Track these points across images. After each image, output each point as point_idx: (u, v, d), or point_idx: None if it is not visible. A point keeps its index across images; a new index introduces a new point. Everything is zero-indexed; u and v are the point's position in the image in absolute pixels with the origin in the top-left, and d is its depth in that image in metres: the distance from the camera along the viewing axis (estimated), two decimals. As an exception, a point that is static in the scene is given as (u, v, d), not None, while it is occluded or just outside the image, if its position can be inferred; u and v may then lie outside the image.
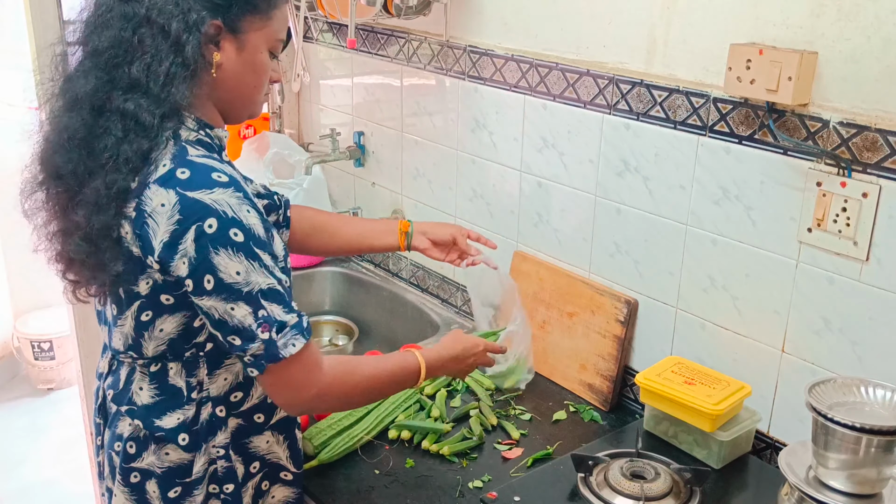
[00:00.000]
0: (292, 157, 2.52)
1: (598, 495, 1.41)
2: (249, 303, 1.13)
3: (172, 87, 1.14)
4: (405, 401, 1.70)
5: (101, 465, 1.39)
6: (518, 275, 1.97)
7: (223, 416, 1.28)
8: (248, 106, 1.29)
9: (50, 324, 3.77)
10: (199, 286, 1.12)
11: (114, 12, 1.15)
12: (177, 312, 1.20)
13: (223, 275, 1.11)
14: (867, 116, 1.32)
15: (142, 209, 1.13)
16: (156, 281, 1.17)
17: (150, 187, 1.12)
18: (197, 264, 1.11)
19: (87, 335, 2.38)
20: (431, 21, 2.06)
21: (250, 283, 1.12)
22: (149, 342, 1.23)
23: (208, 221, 1.10)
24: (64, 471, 3.22)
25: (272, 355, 1.15)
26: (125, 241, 1.15)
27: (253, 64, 1.23)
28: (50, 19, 2.06)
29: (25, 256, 3.97)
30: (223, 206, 1.11)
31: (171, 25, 1.13)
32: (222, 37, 1.19)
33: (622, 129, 1.69)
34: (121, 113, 1.13)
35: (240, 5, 1.19)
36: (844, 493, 1.22)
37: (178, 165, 1.13)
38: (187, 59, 1.14)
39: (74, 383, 3.04)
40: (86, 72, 1.16)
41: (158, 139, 1.14)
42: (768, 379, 1.54)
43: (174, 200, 1.11)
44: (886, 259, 1.33)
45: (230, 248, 1.11)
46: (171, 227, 1.11)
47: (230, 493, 1.31)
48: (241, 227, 1.12)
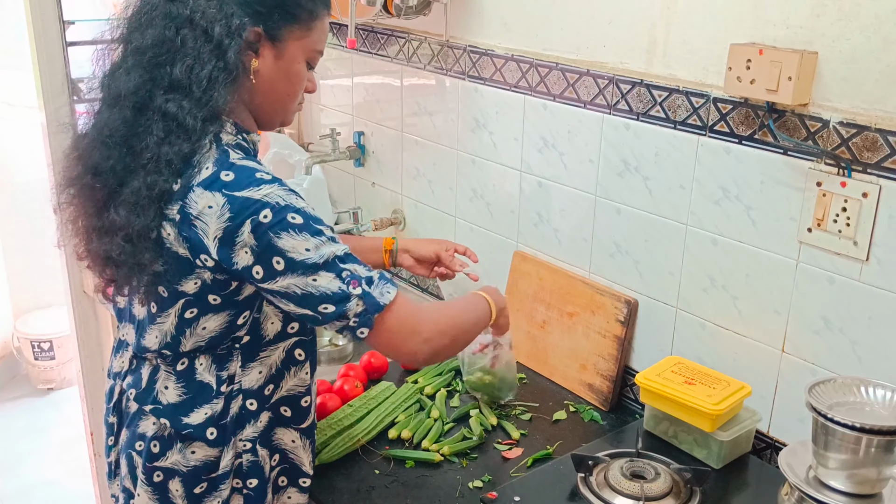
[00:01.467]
0: (292, 157, 2.52)
1: (598, 495, 1.41)
2: (330, 269, 1.15)
3: (214, 91, 1.15)
4: (405, 401, 1.70)
5: (113, 466, 1.38)
6: (518, 275, 1.97)
7: (254, 410, 1.29)
8: (282, 113, 1.31)
9: (50, 324, 3.77)
10: (269, 270, 1.14)
11: (158, 11, 1.17)
12: (221, 311, 1.22)
13: (293, 254, 1.14)
14: (867, 116, 1.32)
15: (187, 212, 1.14)
16: (205, 281, 1.19)
17: (195, 190, 1.14)
18: (261, 251, 1.13)
19: (87, 335, 2.38)
20: (431, 21, 2.06)
21: (323, 254, 1.15)
22: (188, 339, 1.24)
23: (263, 213, 1.12)
24: (64, 471, 3.22)
25: (374, 305, 1.17)
26: (167, 241, 1.16)
27: (289, 72, 1.25)
28: (50, 19, 2.06)
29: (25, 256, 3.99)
30: (273, 198, 1.13)
31: (214, 29, 1.15)
32: (262, 44, 1.21)
33: (622, 129, 1.69)
34: (162, 113, 1.14)
35: (281, 14, 1.21)
36: (844, 493, 1.22)
37: (221, 168, 1.15)
38: (229, 63, 1.16)
39: (74, 383, 3.04)
40: (128, 69, 1.17)
41: (200, 142, 1.15)
42: (768, 379, 1.54)
43: (222, 202, 1.13)
44: (886, 259, 1.33)
45: (292, 230, 1.13)
46: (224, 224, 1.13)
47: (253, 487, 1.31)
48: (297, 210, 1.15)
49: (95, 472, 2.55)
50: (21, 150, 3.59)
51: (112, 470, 1.39)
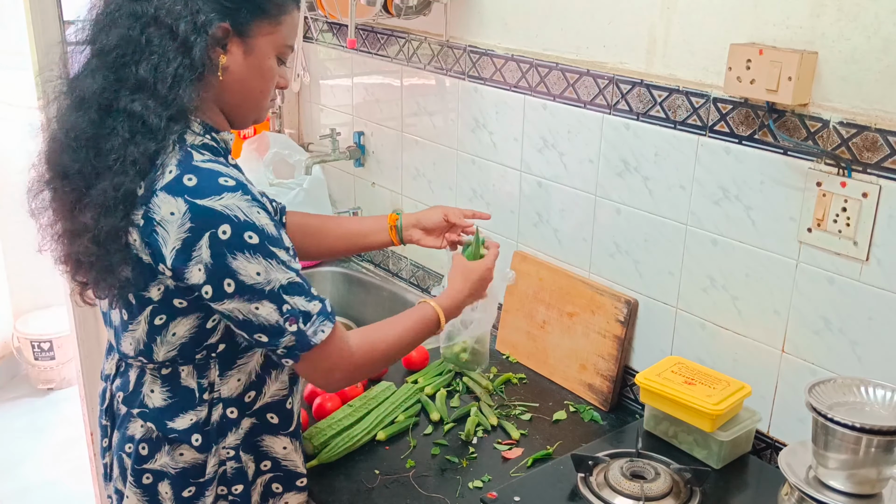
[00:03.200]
0: (292, 157, 2.52)
1: (598, 495, 1.41)
2: (273, 300, 1.15)
3: (179, 89, 1.13)
4: (405, 401, 1.70)
5: (108, 467, 1.38)
6: (518, 275, 1.97)
7: (234, 418, 1.28)
8: (255, 111, 1.28)
9: (50, 324, 3.77)
10: (218, 291, 1.13)
11: (122, 11, 1.15)
12: (190, 315, 1.21)
13: (244, 277, 1.13)
14: (867, 116, 1.32)
15: (150, 217, 1.12)
16: (167, 287, 1.17)
17: (158, 195, 1.12)
18: (214, 270, 1.12)
19: (87, 335, 2.38)
20: (431, 21, 2.06)
21: (271, 280, 1.14)
22: (160, 347, 1.23)
23: (222, 228, 1.11)
24: (64, 471, 3.22)
25: (305, 344, 1.18)
26: (133, 247, 1.15)
27: (260, 69, 1.23)
28: (50, 19, 2.06)
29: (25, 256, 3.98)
30: (234, 210, 1.11)
31: (179, 26, 1.13)
32: (230, 40, 1.19)
33: (622, 129, 1.69)
34: (128, 113, 1.12)
35: (249, 9, 1.18)
36: (844, 493, 1.22)
37: (184, 171, 1.13)
38: (195, 61, 1.13)
39: (74, 383, 3.04)
40: (93, 70, 1.15)
41: (165, 142, 1.14)
42: (768, 379, 1.54)
43: (184, 209, 1.11)
44: (886, 259, 1.33)
45: (247, 251, 1.12)
46: (183, 234, 1.11)
47: (239, 493, 1.31)
48: (255, 228, 1.13)
49: (95, 472, 2.55)
50: (21, 150, 3.58)
51: (107, 472, 1.39)
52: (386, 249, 2.45)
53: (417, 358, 1.87)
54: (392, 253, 2.43)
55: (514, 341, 1.97)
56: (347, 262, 2.54)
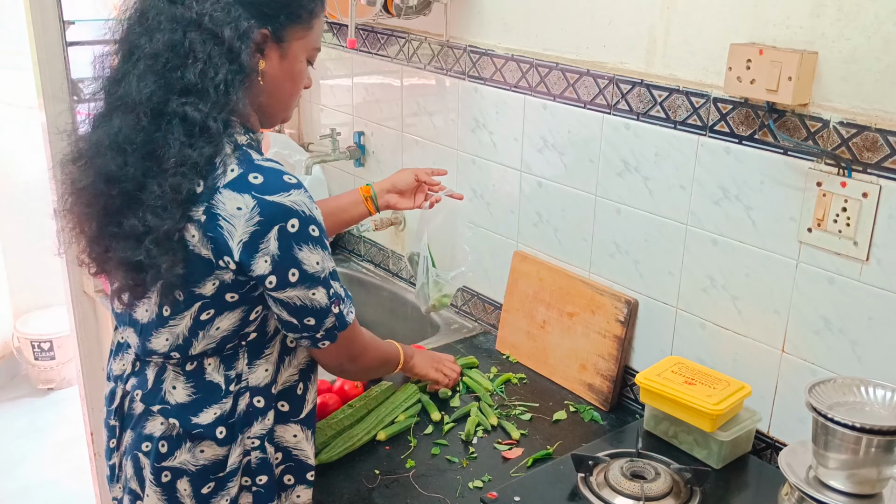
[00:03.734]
0: (292, 156, 2.52)
1: (598, 495, 1.41)
2: (325, 285, 1.24)
3: (232, 94, 1.17)
4: (405, 401, 1.70)
5: (115, 468, 1.38)
6: (518, 275, 1.97)
7: (261, 407, 1.29)
8: (284, 111, 1.33)
9: (50, 324, 3.77)
10: (283, 280, 1.19)
11: (164, 15, 1.17)
12: (236, 309, 1.23)
13: (307, 266, 1.20)
14: (867, 116, 1.32)
15: (214, 213, 1.15)
16: (223, 281, 1.19)
17: (222, 192, 1.15)
18: (280, 261, 1.17)
19: (87, 335, 2.38)
20: (431, 21, 2.06)
21: (325, 269, 1.23)
22: (200, 341, 1.24)
23: (291, 221, 1.17)
24: (64, 471, 3.23)
25: (343, 324, 1.29)
26: (189, 244, 1.16)
27: (292, 72, 1.27)
28: (50, 19, 2.06)
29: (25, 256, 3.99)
30: (301, 206, 1.18)
31: (224, 32, 1.16)
32: (267, 45, 1.22)
33: (622, 129, 1.69)
34: (181, 118, 1.14)
35: (286, 15, 1.23)
36: (844, 493, 1.22)
37: (248, 170, 1.17)
38: (243, 66, 1.17)
39: (74, 383, 3.04)
40: (140, 75, 1.16)
41: (221, 144, 1.17)
42: (768, 379, 1.54)
43: (251, 204, 1.15)
44: (886, 259, 1.33)
45: (311, 242, 1.19)
46: (252, 227, 1.15)
47: (263, 484, 1.31)
48: (316, 223, 1.20)
49: (95, 472, 2.55)
50: (21, 150, 3.59)
51: (114, 473, 1.38)
52: (386, 249, 2.45)
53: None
54: (392, 253, 2.44)
55: (514, 341, 1.97)
56: (347, 262, 2.54)
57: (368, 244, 2.54)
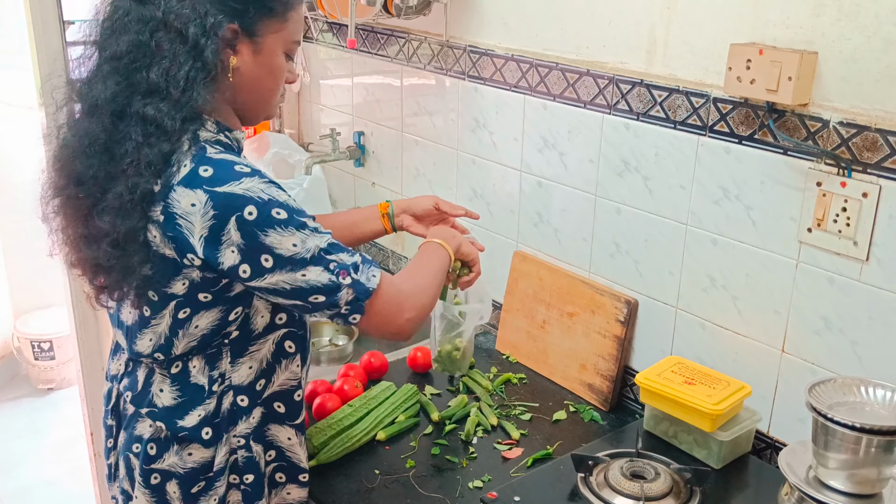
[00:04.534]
0: (292, 156, 2.52)
1: (598, 495, 1.41)
2: (317, 263, 1.17)
3: (193, 91, 1.15)
4: (405, 401, 1.70)
5: (113, 468, 1.38)
6: (518, 275, 1.97)
7: (245, 406, 1.29)
8: (265, 108, 1.30)
9: (50, 324, 3.77)
10: (257, 268, 1.15)
11: (131, 16, 1.16)
12: (213, 308, 1.22)
13: (280, 250, 1.15)
14: (867, 116, 1.32)
15: (171, 211, 1.14)
16: (192, 280, 1.19)
17: (176, 189, 1.14)
18: (248, 249, 1.14)
19: (87, 335, 2.38)
20: (431, 21, 2.06)
21: (310, 248, 1.17)
22: (181, 340, 1.24)
23: (247, 209, 1.13)
24: (64, 471, 3.22)
25: (364, 292, 1.21)
26: (153, 244, 1.16)
27: (269, 66, 1.25)
28: (50, 19, 2.06)
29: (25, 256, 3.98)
30: (255, 192, 1.14)
31: (189, 30, 1.14)
32: (239, 40, 1.20)
33: (622, 129, 1.69)
34: (141, 118, 1.14)
35: (256, 9, 1.20)
36: (844, 493, 1.22)
37: (199, 164, 1.15)
38: (207, 63, 1.15)
39: (74, 383, 3.04)
40: (105, 77, 1.16)
41: (180, 142, 1.15)
42: (768, 379, 1.54)
43: (204, 199, 1.13)
44: (886, 259, 1.33)
45: (278, 226, 1.14)
46: (209, 222, 1.13)
47: (250, 483, 1.32)
48: (280, 204, 1.15)
49: (95, 472, 2.55)
50: (21, 150, 3.59)
51: (112, 472, 1.39)
52: (386, 249, 2.45)
53: (422, 360, 1.87)
54: (392, 253, 2.44)
55: (514, 341, 1.97)
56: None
57: (368, 244, 2.54)
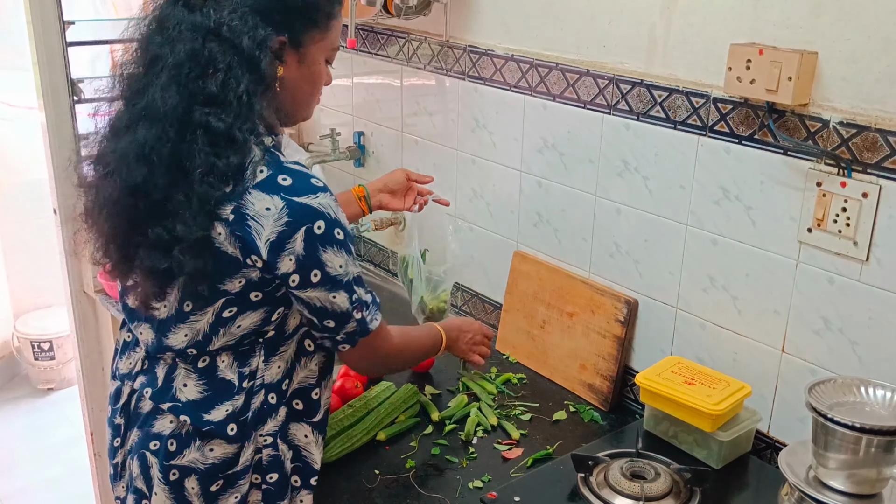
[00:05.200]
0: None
1: (598, 495, 1.41)
2: (348, 290, 1.25)
3: (255, 104, 1.18)
4: (405, 401, 1.70)
5: (119, 467, 1.38)
6: (518, 275, 1.97)
7: (274, 404, 1.30)
8: (305, 111, 1.35)
9: (50, 324, 3.77)
10: (305, 280, 1.21)
11: (184, 25, 1.17)
12: (259, 308, 1.24)
13: (329, 268, 1.21)
14: (867, 116, 1.32)
15: (243, 212, 1.16)
16: (249, 279, 1.21)
17: (251, 192, 1.17)
18: (304, 261, 1.19)
19: (87, 335, 2.38)
20: (431, 21, 2.06)
21: (348, 273, 1.24)
22: (220, 338, 1.25)
23: (317, 223, 1.18)
24: (64, 471, 3.22)
25: (363, 330, 1.29)
26: (216, 241, 1.17)
27: (311, 74, 1.29)
28: (50, 19, 2.06)
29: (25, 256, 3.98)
30: (327, 209, 1.20)
31: (243, 42, 1.16)
32: (286, 52, 1.23)
33: (622, 129, 1.69)
34: (205, 128, 1.15)
35: (302, 21, 1.23)
36: (844, 493, 1.22)
37: (277, 172, 1.19)
38: (263, 76, 1.18)
39: (74, 383, 3.04)
40: (164, 86, 1.16)
41: (249, 152, 1.18)
42: (768, 379, 1.54)
43: (281, 205, 1.16)
44: (886, 259, 1.33)
45: (335, 245, 1.21)
46: (280, 228, 1.16)
47: (273, 482, 1.32)
48: (341, 226, 1.22)
49: (95, 472, 2.55)
50: (21, 150, 3.59)
51: (117, 472, 1.38)
52: (386, 249, 2.45)
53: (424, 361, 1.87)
54: (392, 253, 2.44)
55: (514, 341, 1.97)
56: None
57: (368, 244, 2.54)
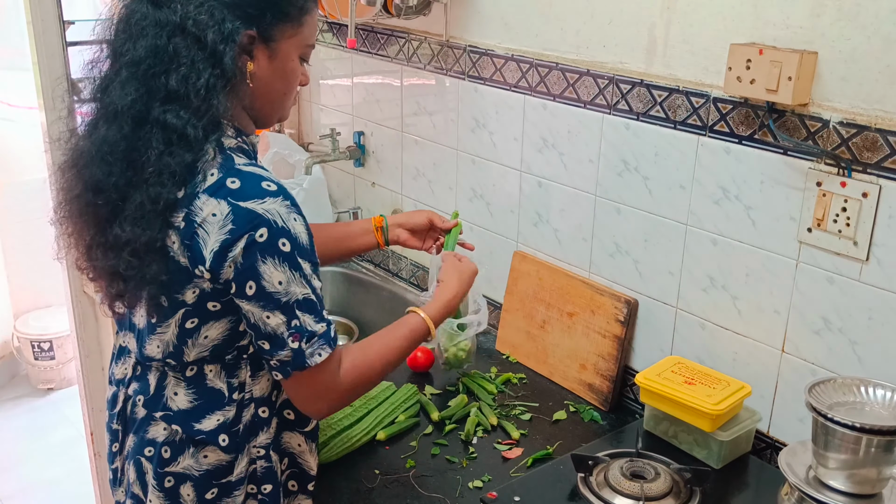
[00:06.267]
0: (292, 157, 2.52)
1: (598, 495, 1.41)
2: (285, 312, 1.16)
3: (213, 99, 1.14)
4: (405, 401, 1.70)
5: (118, 472, 1.37)
6: (518, 275, 1.97)
7: (266, 417, 1.29)
8: (279, 111, 1.30)
9: (50, 324, 3.77)
10: (240, 290, 1.15)
11: (148, 20, 1.14)
12: (223, 318, 1.21)
13: (265, 283, 1.14)
14: (867, 116, 1.32)
15: (192, 219, 1.13)
16: (203, 290, 1.18)
17: (200, 197, 1.13)
18: (243, 269, 1.13)
19: (87, 335, 2.38)
20: (431, 21, 2.06)
21: (289, 293, 1.15)
22: (192, 349, 1.23)
23: (260, 231, 1.12)
24: (64, 471, 3.22)
25: (299, 364, 1.19)
26: (171, 250, 1.15)
27: (284, 71, 1.24)
28: (50, 19, 2.06)
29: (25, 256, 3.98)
30: (274, 215, 1.13)
31: (207, 36, 1.13)
32: (255, 46, 1.19)
33: (622, 129, 1.69)
34: (162, 125, 1.12)
35: (273, 14, 1.19)
36: (844, 493, 1.22)
37: (226, 175, 1.14)
38: (226, 70, 1.14)
39: (74, 383, 3.05)
40: (123, 82, 1.14)
41: (202, 150, 1.14)
42: (768, 379, 1.54)
43: (227, 210, 1.12)
44: (886, 259, 1.33)
45: (276, 257, 1.14)
46: (223, 236, 1.12)
47: (268, 493, 1.31)
48: (289, 236, 1.15)
49: (96, 472, 2.55)
50: (21, 150, 3.59)
51: (116, 477, 1.38)
52: (386, 249, 2.45)
53: (423, 359, 1.87)
54: (392, 253, 2.44)
55: (514, 341, 1.97)
56: (347, 262, 2.54)
57: (368, 244, 2.54)
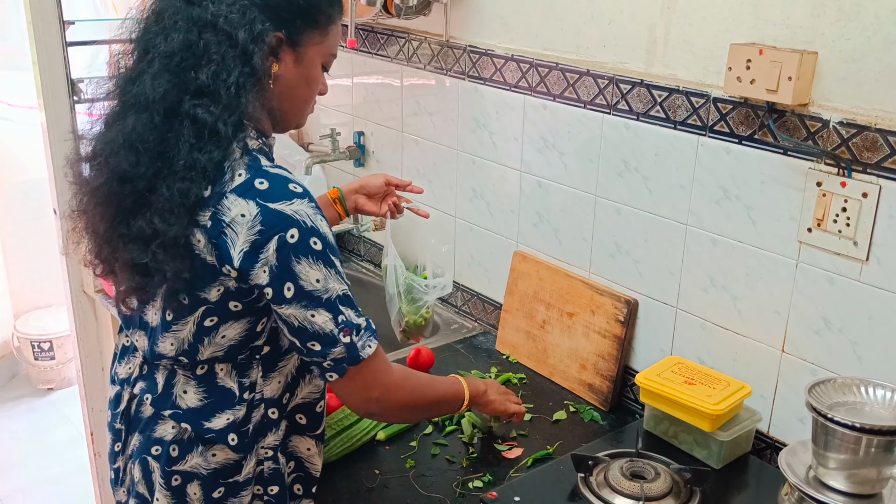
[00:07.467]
0: (292, 156, 2.52)
1: (598, 495, 1.41)
2: (329, 309, 1.17)
3: (242, 96, 1.15)
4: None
5: (120, 472, 1.37)
6: (518, 275, 1.97)
7: (275, 419, 1.29)
8: (298, 116, 1.32)
9: (50, 324, 3.77)
10: (279, 294, 1.15)
11: (180, 15, 1.16)
12: (242, 319, 1.21)
13: (303, 282, 1.15)
14: (867, 116, 1.32)
15: (219, 218, 1.14)
16: (228, 288, 1.18)
17: (228, 197, 1.14)
18: (278, 273, 1.14)
19: (87, 335, 2.38)
20: (431, 21, 2.06)
21: (328, 289, 1.16)
22: (207, 347, 1.23)
23: (290, 232, 1.13)
24: (64, 471, 3.22)
25: (353, 358, 1.20)
26: (196, 248, 1.15)
27: (307, 77, 1.26)
28: (50, 19, 2.06)
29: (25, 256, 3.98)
30: (302, 216, 1.14)
31: (239, 34, 1.15)
32: (282, 49, 1.21)
33: (622, 129, 1.69)
34: (192, 119, 1.13)
35: (302, 19, 1.21)
36: (844, 493, 1.22)
37: (254, 175, 1.15)
38: (256, 69, 1.16)
39: (74, 383, 3.04)
40: (155, 73, 1.15)
41: (231, 148, 1.15)
42: (768, 379, 1.54)
43: (255, 211, 1.13)
44: (886, 259, 1.33)
45: (310, 256, 1.15)
46: (253, 237, 1.12)
47: (274, 494, 1.31)
48: (319, 235, 1.16)
49: (96, 472, 2.55)
50: (21, 150, 3.59)
51: (118, 477, 1.38)
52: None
53: (422, 359, 1.87)
54: (392, 253, 2.44)
55: (514, 341, 1.97)
56: (347, 262, 2.54)
57: (368, 244, 2.54)
